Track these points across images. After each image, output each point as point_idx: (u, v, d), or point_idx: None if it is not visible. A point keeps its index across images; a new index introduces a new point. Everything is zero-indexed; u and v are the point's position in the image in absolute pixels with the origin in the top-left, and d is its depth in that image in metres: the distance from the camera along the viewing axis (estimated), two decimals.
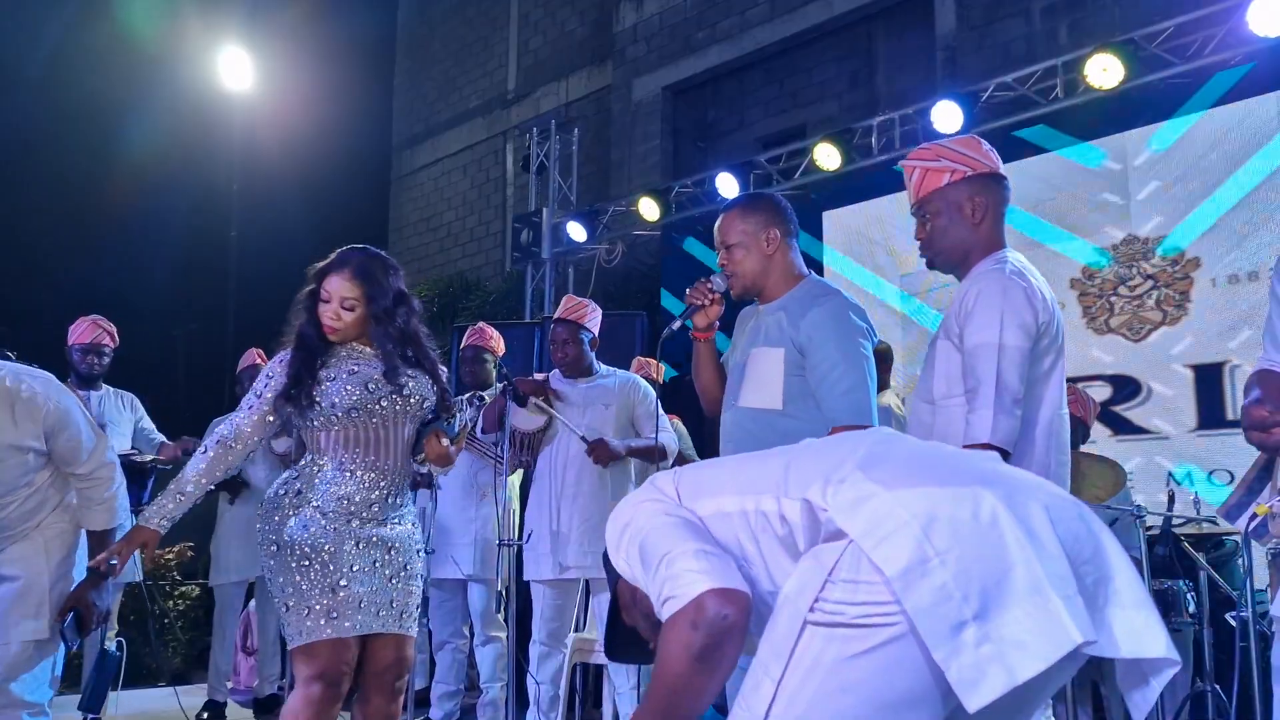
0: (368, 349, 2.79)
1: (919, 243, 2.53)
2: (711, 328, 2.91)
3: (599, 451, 3.95)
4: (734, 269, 2.81)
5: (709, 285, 2.83)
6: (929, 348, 2.50)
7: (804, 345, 2.69)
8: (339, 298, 2.72)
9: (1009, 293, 2.28)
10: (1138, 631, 1.40)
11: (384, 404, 2.74)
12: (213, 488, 2.80)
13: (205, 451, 2.75)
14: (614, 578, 1.70)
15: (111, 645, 4.16)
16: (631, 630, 1.70)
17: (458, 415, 2.82)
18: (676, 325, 2.86)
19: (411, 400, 2.79)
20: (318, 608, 2.63)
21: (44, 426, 2.70)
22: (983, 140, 2.54)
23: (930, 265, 2.55)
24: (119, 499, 2.85)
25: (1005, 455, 2.19)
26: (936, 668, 1.31)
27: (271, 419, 2.77)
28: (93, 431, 2.82)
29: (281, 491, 2.75)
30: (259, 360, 5.34)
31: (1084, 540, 1.42)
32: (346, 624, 2.64)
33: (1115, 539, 1.47)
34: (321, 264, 2.78)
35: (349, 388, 2.72)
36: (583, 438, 3.97)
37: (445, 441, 2.80)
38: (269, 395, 2.75)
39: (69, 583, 2.83)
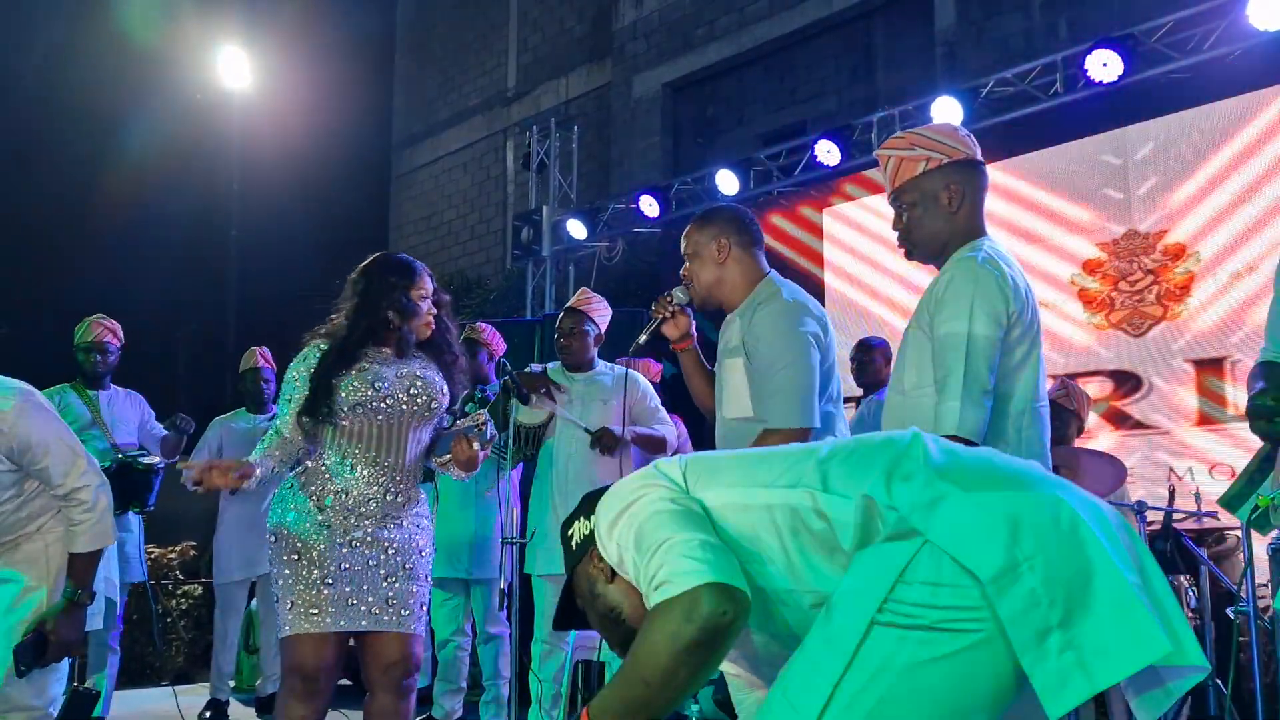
0: (387, 350, 2.82)
1: (897, 233, 2.46)
2: (686, 338, 2.96)
3: (605, 439, 3.93)
4: (691, 279, 2.88)
5: (669, 299, 2.90)
6: (902, 337, 2.46)
7: (749, 350, 2.72)
8: (431, 296, 2.87)
9: (980, 281, 2.22)
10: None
11: (389, 402, 2.75)
12: (197, 487, 2.80)
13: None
14: (573, 562, 1.67)
15: (89, 683, 4.10)
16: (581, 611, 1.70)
17: (488, 425, 2.86)
18: (642, 339, 2.91)
19: (419, 400, 2.79)
20: (300, 602, 2.65)
21: (3, 450, 2.60)
22: (959, 127, 2.49)
23: (908, 256, 2.47)
24: (101, 522, 2.71)
25: (972, 446, 2.17)
26: (1011, 674, 1.32)
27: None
28: (68, 452, 2.68)
29: (288, 484, 2.81)
30: (261, 361, 5.34)
31: (1129, 546, 1.43)
32: (327, 620, 2.65)
33: (1143, 541, 1.49)
34: (411, 273, 2.83)
35: (356, 385, 2.73)
36: (585, 429, 3.97)
37: (477, 445, 2.82)
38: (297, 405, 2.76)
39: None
